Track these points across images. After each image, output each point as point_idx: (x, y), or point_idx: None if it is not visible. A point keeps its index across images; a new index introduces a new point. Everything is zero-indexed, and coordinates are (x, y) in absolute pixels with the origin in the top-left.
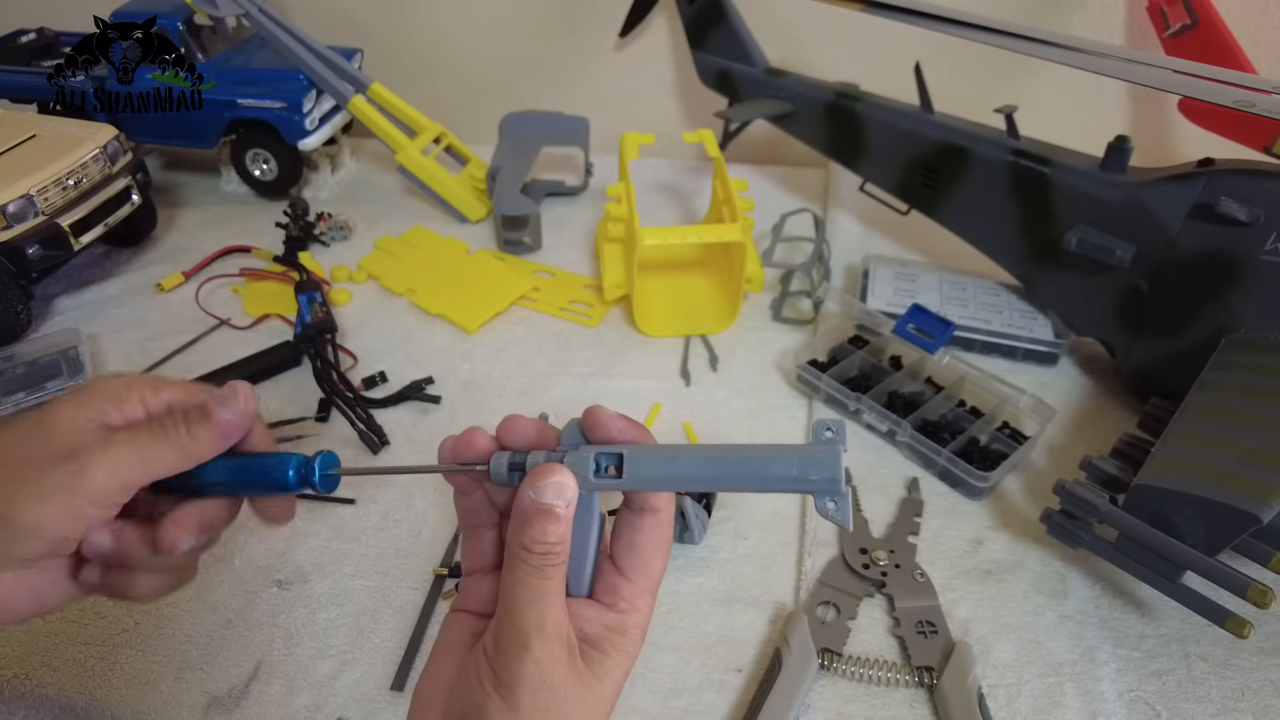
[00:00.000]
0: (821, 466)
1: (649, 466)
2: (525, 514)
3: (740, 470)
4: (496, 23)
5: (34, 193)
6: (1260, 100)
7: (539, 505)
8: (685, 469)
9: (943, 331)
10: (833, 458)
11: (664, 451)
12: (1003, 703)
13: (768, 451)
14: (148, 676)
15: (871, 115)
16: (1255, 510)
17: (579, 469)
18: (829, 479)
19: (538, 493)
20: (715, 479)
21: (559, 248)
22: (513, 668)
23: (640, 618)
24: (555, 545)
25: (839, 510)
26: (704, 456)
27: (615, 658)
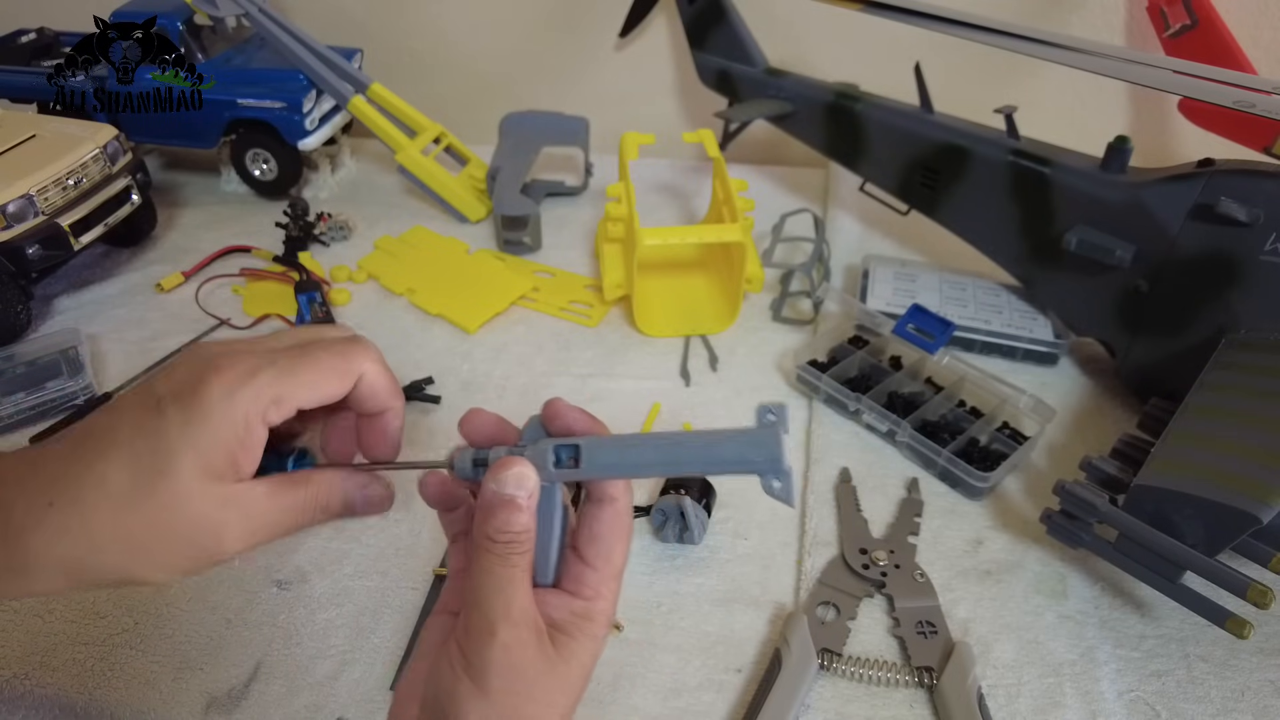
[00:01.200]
0: (763, 447)
1: (606, 455)
2: (489, 505)
3: (689, 454)
4: (496, 23)
5: (34, 192)
6: (1260, 100)
7: (501, 496)
8: (640, 456)
9: (942, 332)
10: (774, 439)
11: (620, 441)
12: (1002, 703)
13: (715, 436)
14: (147, 676)
15: (871, 115)
16: (1255, 510)
17: (539, 461)
18: (771, 458)
19: (500, 484)
20: (667, 463)
21: (559, 248)
22: (481, 652)
23: (605, 604)
24: (519, 534)
25: (783, 488)
26: (656, 443)
27: (582, 641)
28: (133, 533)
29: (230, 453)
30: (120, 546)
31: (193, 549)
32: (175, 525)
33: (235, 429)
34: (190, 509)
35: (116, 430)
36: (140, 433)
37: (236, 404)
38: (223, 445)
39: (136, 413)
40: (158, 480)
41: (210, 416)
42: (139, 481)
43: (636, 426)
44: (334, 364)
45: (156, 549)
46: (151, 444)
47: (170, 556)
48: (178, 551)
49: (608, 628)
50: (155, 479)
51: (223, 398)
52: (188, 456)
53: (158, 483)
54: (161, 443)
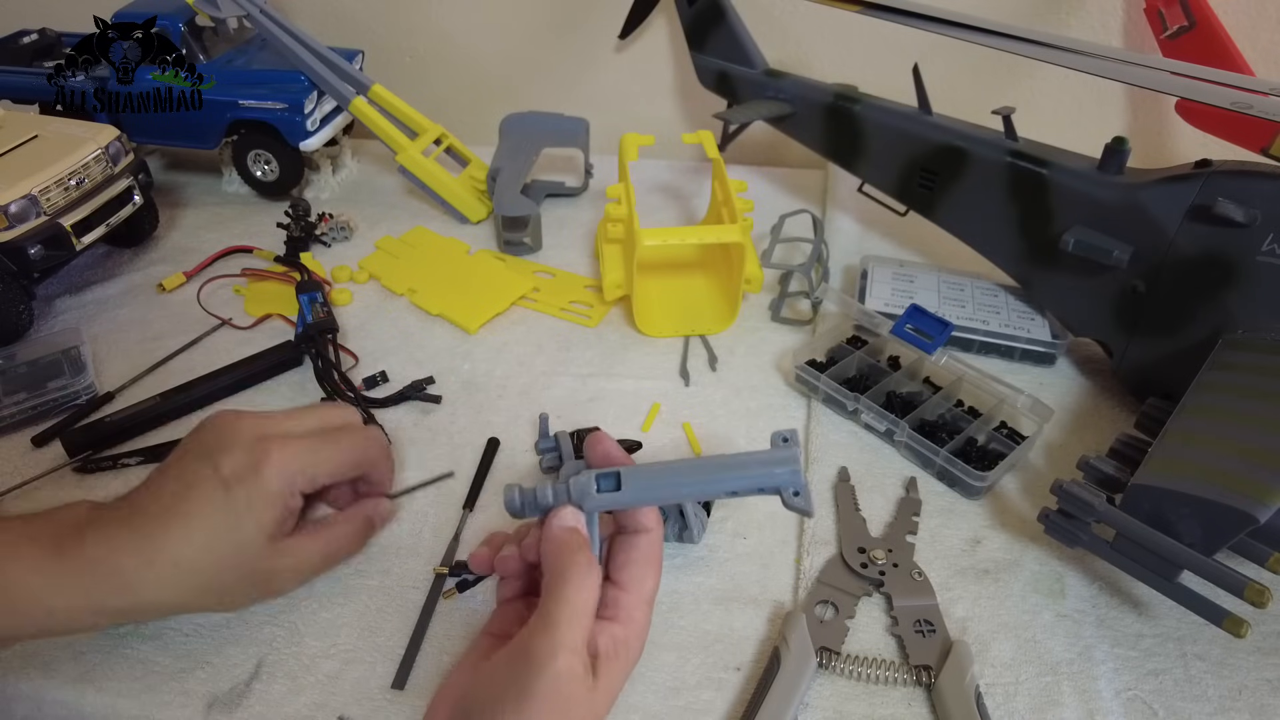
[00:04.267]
0: (784, 464)
1: (644, 481)
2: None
3: (719, 476)
4: (497, 24)
5: (36, 193)
6: (1257, 102)
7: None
8: (674, 479)
9: (941, 332)
10: (793, 458)
11: (654, 468)
12: (1000, 701)
13: (740, 457)
14: (148, 676)
15: (870, 117)
16: (1252, 510)
17: (583, 490)
18: (791, 473)
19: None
20: (699, 484)
21: (559, 248)
22: (534, 675)
23: (638, 628)
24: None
25: (803, 500)
26: (688, 468)
27: (616, 665)
28: (209, 584)
29: (282, 519)
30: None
31: (255, 592)
32: (244, 579)
33: (286, 500)
34: (255, 565)
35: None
36: (217, 510)
37: (288, 484)
38: (278, 515)
39: (211, 493)
40: (233, 551)
41: (268, 494)
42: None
43: (636, 426)
44: (353, 457)
45: (228, 595)
46: (226, 519)
47: (238, 599)
48: (244, 595)
49: (639, 653)
50: (232, 550)
51: (278, 479)
52: (254, 527)
53: (236, 551)
54: (233, 519)
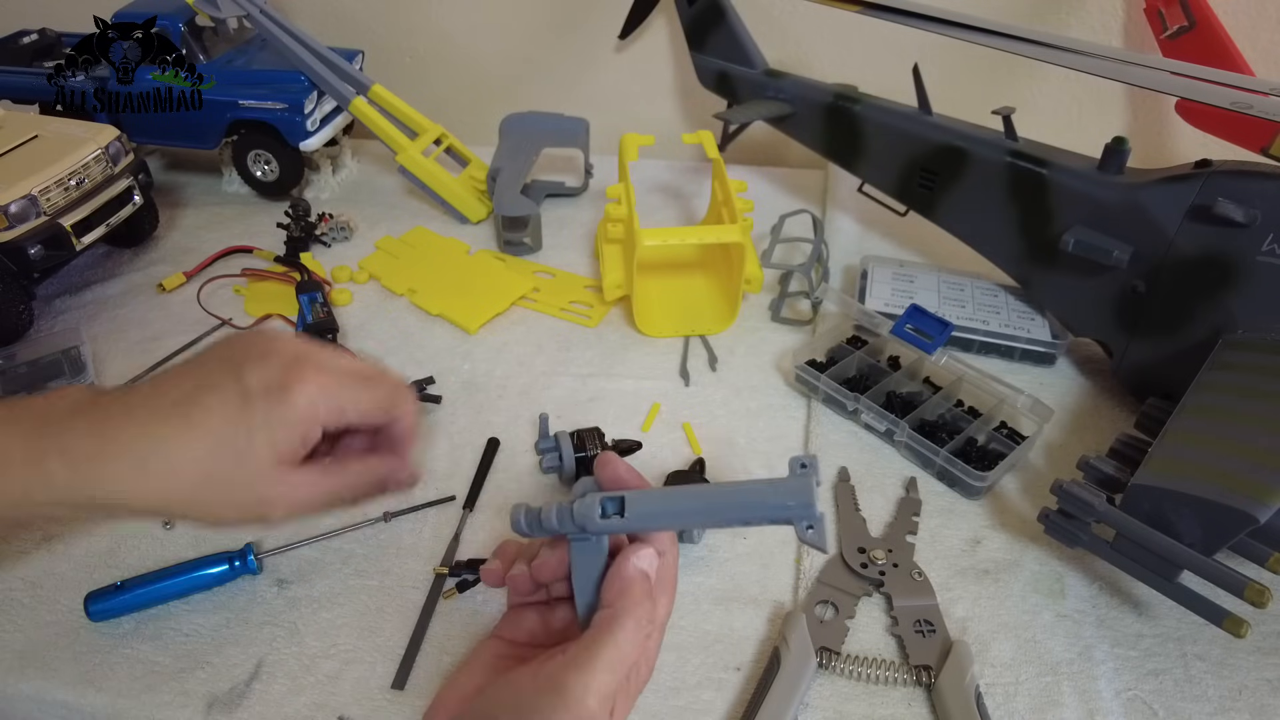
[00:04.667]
0: (798, 495)
1: (648, 506)
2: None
3: (728, 504)
4: (497, 24)
5: (36, 193)
6: (1257, 102)
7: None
8: (681, 506)
9: (941, 332)
10: (807, 488)
11: (662, 494)
12: (1000, 701)
13: (752, 487)
14: (148, 676)
15: (870, 117)
16: (1252, 510)
17: (587, 514)
18: (804, 505)
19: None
20: (706, 512)
21: (559, 248)
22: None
23: (650, 654)
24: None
25: (816, 534)
26: (696, 494)
27: (628, 699)
28: (205, 498)
29: (295, 448)
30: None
31: (244, 515)
32: (241, 496)
33: (306, 428)
34: (254, 487)
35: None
36: (231, 416)
37: (314, 411)
38: (293, 441)
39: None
40: (237, 465)
41: (290, 417)
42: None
43: (636, 426)
44: (382, 402)
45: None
46: (238, 428)
47: (224, 517)
48: (232, 516)
49: (649, 677)
50: (235, 459)
51: (305, 404)
52: (265, 448)
53: (237, 465)
54: (244, 434)
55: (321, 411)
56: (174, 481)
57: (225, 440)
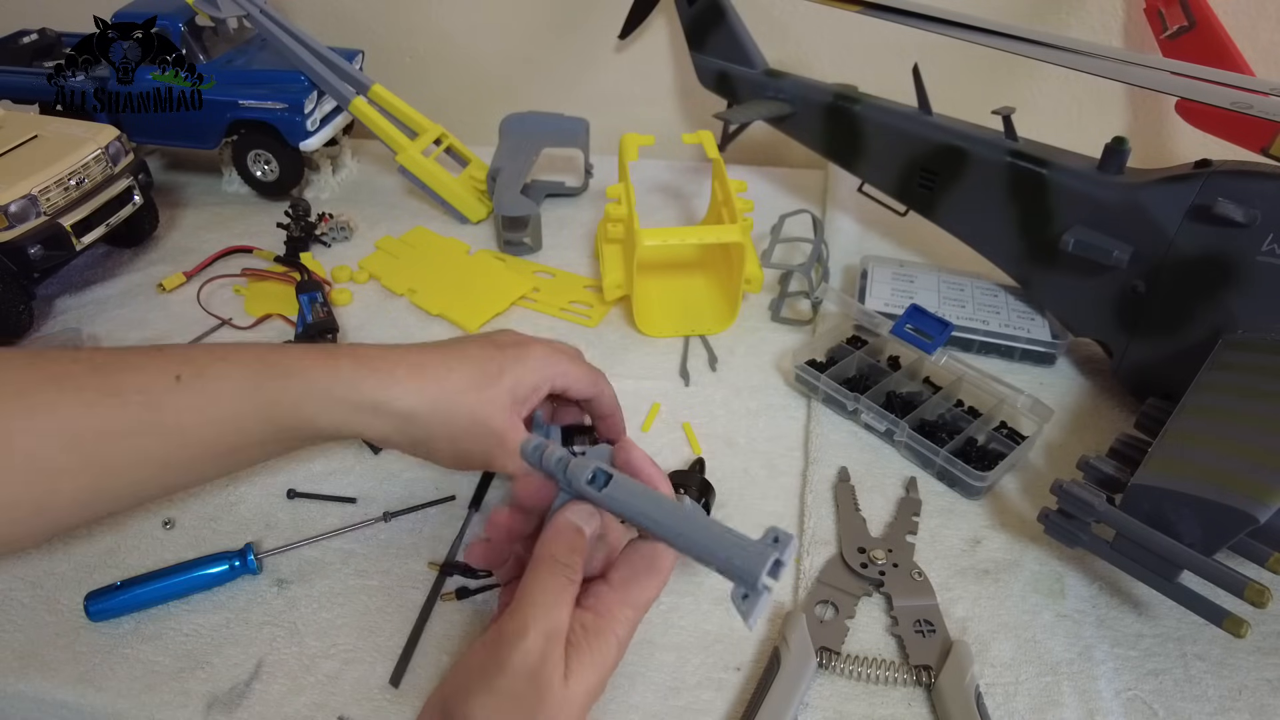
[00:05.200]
0: (752, 561)
1: (625, 495)
2: (561, 529)
3: (689, 533)
4: (497, 24)
5: (36, 193)
6: (1257, 102)
7: (573, 525)
8: (650, 510)
9: (941, 332)
10: (763, 559)
11: (644, 492)
12: (1000, 701)
13: (720, 531)
14: (148, 676)
15: (870, 117)
16: (1252, 510)
17: (577, 474)
18: (751, 574)
19: (574, 515)
20: (668, 530)
21: (559, 248)
22: (506, 650)
23: (616, 627)
24: (578, 560)
25: (746, 604)
26: (669, 509)
27: (589, 659)
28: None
29: (527, 393)
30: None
31: (485, 444)
32: (483, 421)
33: (536, 379)
34: (496, 415)
35: (470, 351)
36: (485, 355)
37: (547, 363)
38: (527, 384)
39: (485, 347)
40: (487, 385)
41: (528, 363)
42: (476, 382)
43: (636, 426)
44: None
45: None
46: (491, 365)
47: (466, 442)
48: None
49: (617, 654)
50: (487, 384)
51: (540, 355)
52: (508, 379)
53: (487, 388)
54: (495, 365)
55: (550, 370)
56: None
57: (481, 369)
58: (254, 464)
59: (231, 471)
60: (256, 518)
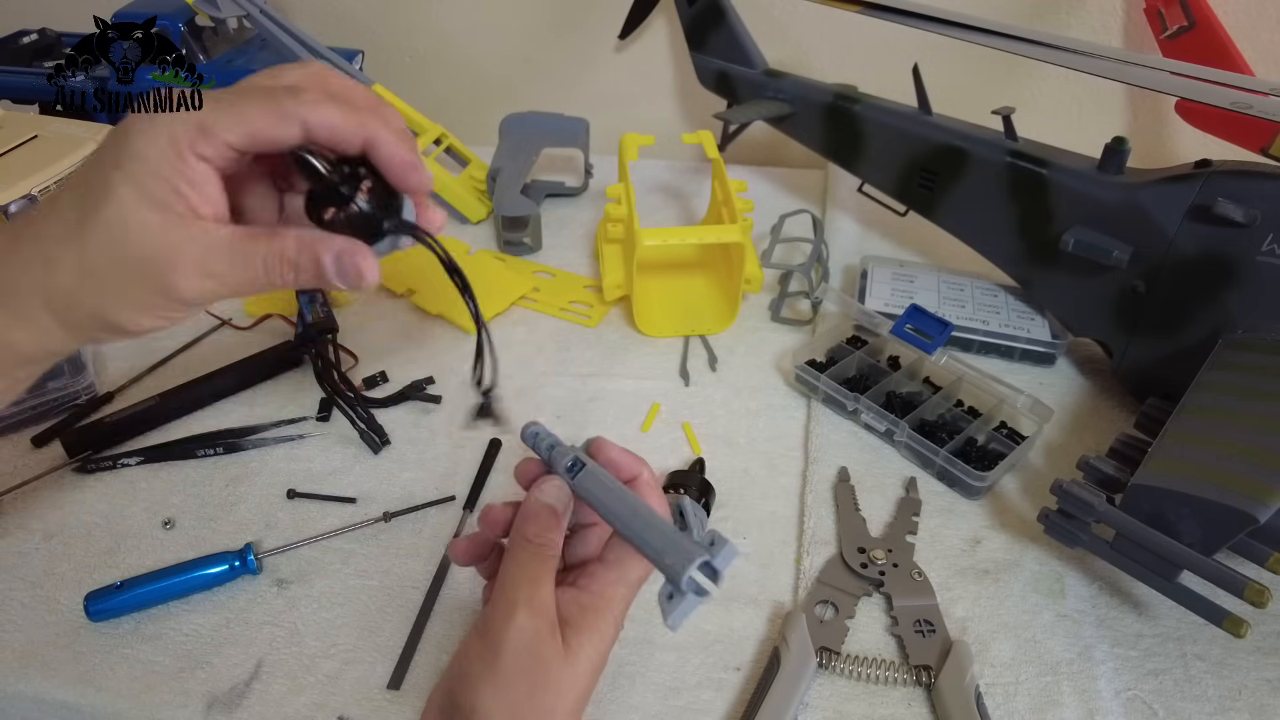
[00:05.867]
0: (680, 557)
1: (591, 484)
2: (533, 511)
3: (635, 524)
4: (497, 24)
5: (36, 193)
6: (1257, 102)
7: (543, 504)
8: (607, 500)
9: (940, 332)
10: (692, 557)
11: (608, 484)
12: (1000, 701)
13: (662, 526)
14: (148, 676)
15: (870, 117)
16: (1252, 510)
17: (559, 459)
18: (677, 570)
19: (543, 494)
20: (620, 520)
21: (559, 248)
22: (499, 633)
23: (610, 604)
24: (552, 539)
25: (672, 604)
26: (624, 501)
27: (589, 637)
28: (89, 261)
29: (168, 182)
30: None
31: (147, 280)
32: (124, 251)
33: (165, 156)
34: (134, 235)
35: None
36: (84, 174)
37: (158, 131)
38: (157, 174)
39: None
40: (100, 206)
41: (135, 146)
42: (85, 211)
43: (636, 426)
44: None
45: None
46: (92, 180)
47: (129, 289)
48: (134, 282)
49: (615, 630)
50: (98, 205)
51: (144, 129)
52: (125, 187)
53: (100, 208)
54: (99, 176)
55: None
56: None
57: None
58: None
59: None
60: (256, 518)
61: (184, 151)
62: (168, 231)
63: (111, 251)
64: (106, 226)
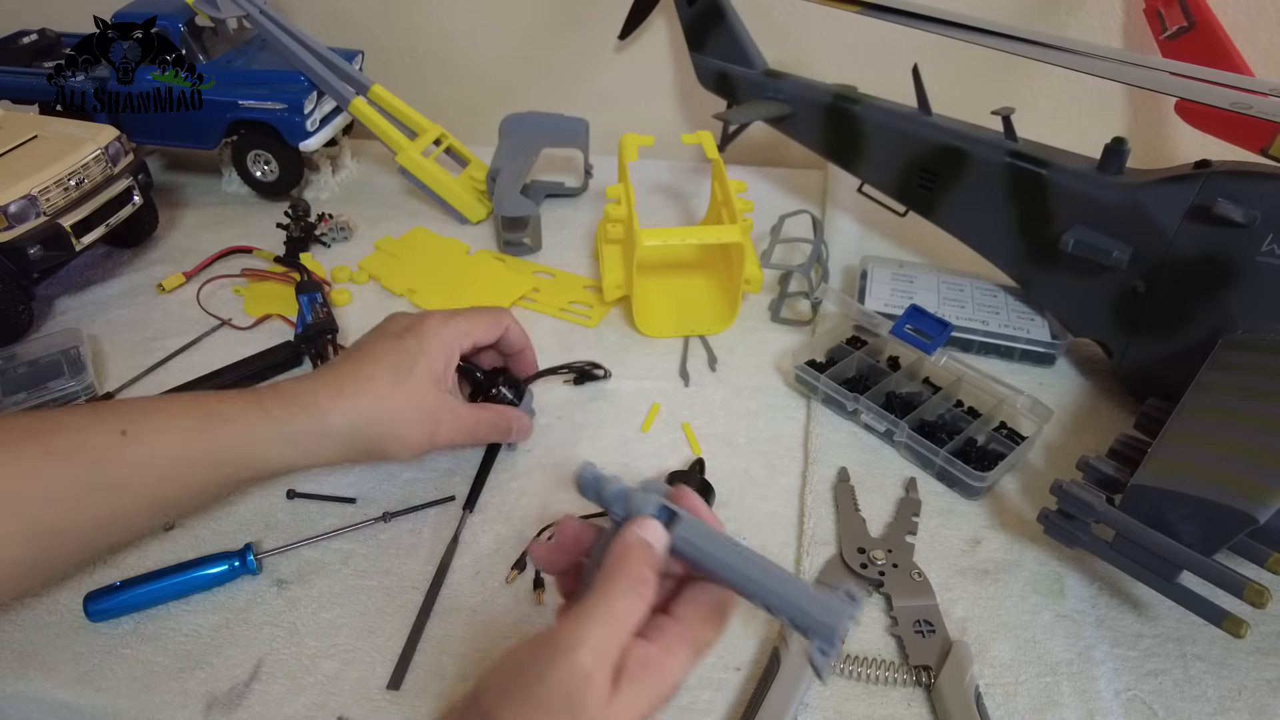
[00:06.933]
0: (831, 614)
1: (692, 534)
2: (632, 545)
3: (763, 580)
4: (497, 24)
5: (36, 193)
6: (1256, 102)
7: (645, 540)
8: (718, 552)
9: (940, 332)
10: (844, 615)
11: (711, 533)
12: (1000, 702)
13: (793, 582)
14: (148, 676)
15: (870, 117)
16: (1252, 510)
17: (640, 507)
18: (830, 629)
19: (643, 529)
20: (739, 575)
21: (559, 249)
22: (551, 661)
23: (673, 662)
24: (650, 577)
25: (823, 659)
26: (740, 553)
27: (642, 691)
28: (390, 413)
29: (442, 367)
30: (381, 422)
31: (423, 430)
32: (415, 410)
33: (445, 350)
34: (424, 400)
35: (378, 352)
36: (392, 351)
37: (446, 333)
38: (439, 360)
39: (387, 341)
40: (406, 378)
41: (431, 340)
42: (395, 379)
43: (636, 427)
44: (492, 318)
45: (401, 426)
46: (401, 358)
47: (409, 433)
48: (414, 430)
49: (669, 694)
50: (404, 377)
51: (437, 329)
52: (422, 365)
53: (406, 380)
54: (406, 357)
55: (451, 334)
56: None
57: (395, 365)
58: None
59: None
60: (256, 518)
61: (453, 350)
62: (440, 402)
63: (406, 410)
64: (407, 395)
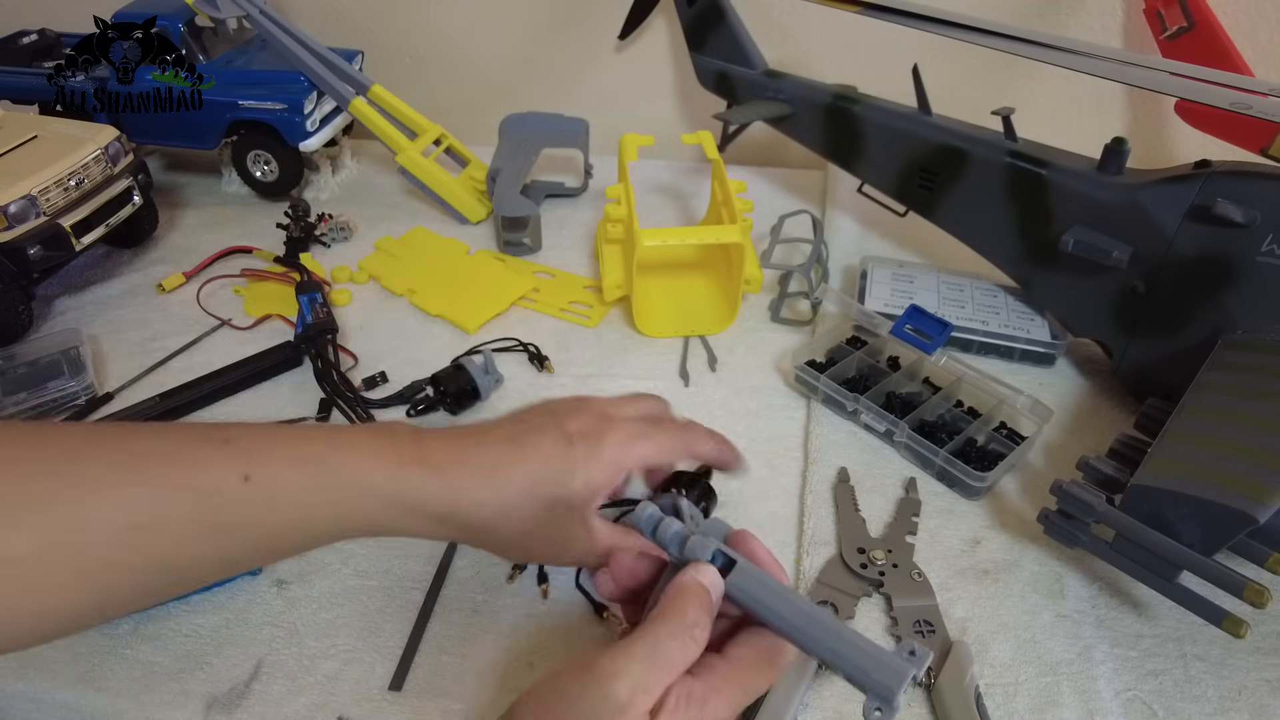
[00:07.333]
0: (891, 676)
1: (749, 584)
2: (690, 590)
3: (822, 635)
4: (497, 24)
5: (35, 193)
6: (1256, 102)
7: (703, 585)
8: (776, 603)
9: (940, 332)
10: (904, 675)
11: (769, 582)
12: (1000, 702)
13: (854, 638)
14: (148, 676)
15: (870, 117)
16: (1252, 511)
17: (698, 552)
18: (890, 689)
19: (700, 574)
20: (796, 627)
21: (559, 249)
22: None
23: (720, 700)
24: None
25: (881, 716)
26: (799, 606)
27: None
28: (529, 517)
29: (603, 486)
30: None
31: (557, 547)
32: (557, 530)
33: (615, 470)
34: (569, 520)
35: (541, 445)
36: (557, 451)
37: (625, 456)
38: (604, 480)
39: (557, 440)
40: (558, 495)
41: (604, 458)
42: (547, 483)
43: None
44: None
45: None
46: (561, 466)
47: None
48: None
49: None
50: (558, 483)
51: (617, 448)
52: (583, 482)
53: (557, 487)
54: (568, 467)
55: (629, 458)
56: (507, 498)
57: (553, 467)
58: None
59: None
60: None
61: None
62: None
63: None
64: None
